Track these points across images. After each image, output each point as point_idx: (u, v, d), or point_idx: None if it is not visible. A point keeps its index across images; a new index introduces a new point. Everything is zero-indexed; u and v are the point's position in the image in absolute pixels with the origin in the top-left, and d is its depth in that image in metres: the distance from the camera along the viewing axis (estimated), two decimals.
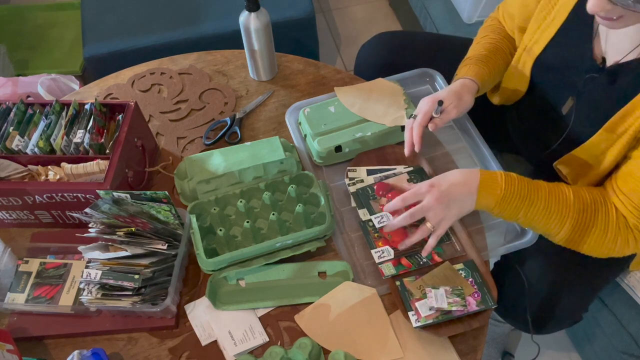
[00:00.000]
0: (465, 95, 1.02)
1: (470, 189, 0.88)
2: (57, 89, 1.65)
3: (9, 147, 0.99)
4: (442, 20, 1.84)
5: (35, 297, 0.95)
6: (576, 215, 0.87)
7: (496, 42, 1.10)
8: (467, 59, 1.09)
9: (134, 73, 1.31)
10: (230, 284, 0.97)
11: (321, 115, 1.12)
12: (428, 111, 1.00)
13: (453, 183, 0.89)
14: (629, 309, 1.20)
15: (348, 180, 1.07)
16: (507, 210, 0.88)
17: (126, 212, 0.90)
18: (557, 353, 1.50)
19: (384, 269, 0.95)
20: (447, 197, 0.88)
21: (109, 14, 1.85)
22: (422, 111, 1.00)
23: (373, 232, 1.00)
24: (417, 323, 0.88)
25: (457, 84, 1.04)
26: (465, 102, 1.02)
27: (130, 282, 0.87)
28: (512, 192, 0.87)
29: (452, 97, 1.01)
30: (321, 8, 2.44)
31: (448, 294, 0.89)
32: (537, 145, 1.10)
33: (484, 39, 1.12)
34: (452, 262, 0.95)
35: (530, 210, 0.88)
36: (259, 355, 0.90)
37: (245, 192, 1.03)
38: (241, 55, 1.32)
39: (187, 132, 1.20)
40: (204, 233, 0.98)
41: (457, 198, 0.88)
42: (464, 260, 0.95)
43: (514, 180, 0.88)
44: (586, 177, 0.97)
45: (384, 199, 1.03)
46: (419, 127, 1.00)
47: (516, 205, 0.88)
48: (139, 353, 0.92)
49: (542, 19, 0.99)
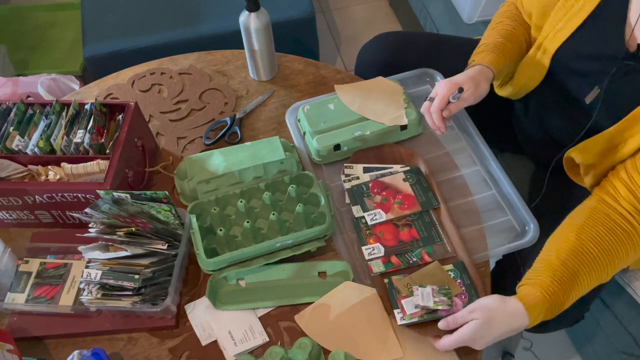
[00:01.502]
0: (482, 82, 1.01)
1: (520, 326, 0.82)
2: (57, 89, 1.64)
3: (9, 147, 0.99)
4: (442, 20, 1.84)
5: (35, 297, 0.95)
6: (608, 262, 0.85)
7: (512, 28, 1.08)
8: (483, 45, 1.07)
9: (134, 73, 1.31)
10: (230, 284, 0.97)
11: (320, 113, 1.12)
12: (446, 95, 0.99)
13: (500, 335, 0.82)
14: (629, 309, 1.20)
15: (344, 177, 1.07)
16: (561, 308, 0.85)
17: (126, 212, 0.90)
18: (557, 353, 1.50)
19: (373, 266, 0.96)
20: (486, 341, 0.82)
21: (109, 14, 1.85)
22: (441, 95, 0.99)
23: (365, 229, 1.00)
24: (401, 321, 0.88)
25: (475, 70, 1.02)
26: (481, 89, 1.01)
27: (131, 282, 0.87)
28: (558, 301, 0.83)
29: (470, 83, 1.00)
30: (321, 8, 2.44)
31: (435, 293, 0.89)
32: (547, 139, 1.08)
33: (499, 24, 1.10)
34: (441, 262, 0.95)
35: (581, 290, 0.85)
36: (259, 355, 0.90)
37: (246, 192, 1.03)
38: (241, 55, 1.32)
39: (187, 132, 1.20)
40: (204, 233, 0.98)
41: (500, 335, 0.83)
42: (454, 262, 0.95)
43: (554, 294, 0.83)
44: (600, 166, 0.95)
45: (378, 197, 1.03)
46: (438, 111, 0.99)
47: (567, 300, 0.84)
48: (139, 353, 0.92)
49: (570, 7, 0.96)
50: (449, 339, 0.83)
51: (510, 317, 0.81)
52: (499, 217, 1.03)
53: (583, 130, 0.98)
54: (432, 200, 1.03)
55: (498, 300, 0.82)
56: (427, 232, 0.99)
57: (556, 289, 0.82)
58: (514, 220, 1.02)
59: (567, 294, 0.83)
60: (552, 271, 0.83)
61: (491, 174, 1.07)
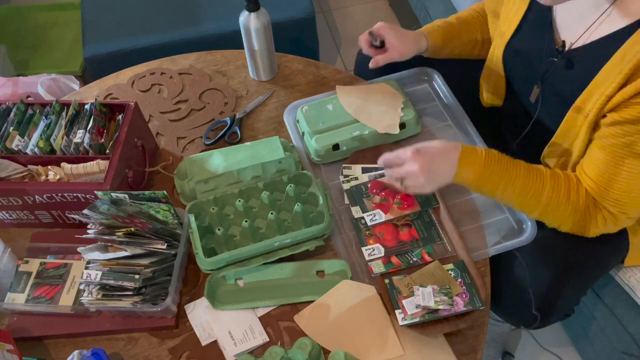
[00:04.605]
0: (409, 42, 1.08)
1: (451, 161, 0.89)
2: (57, 89, 1.64)
3: (9, 147, 1.00)
4: None
5: (35, 297, 0.96)
6: (550, 193, 0.89)
7: (467, 16, 1.15)
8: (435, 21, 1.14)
9: (134, 73, 1.31)
10: (229, 284, 0.97)
11: (319, 113, 1.12)
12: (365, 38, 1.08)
13: (436, 153, 0.89)
14: (629, 309, 1.19)
15: (342, 178, 1.07)
16: (485, 186, 0.90)
17: (125, 213, 0.90)
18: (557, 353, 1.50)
19: (373, 266, 0.96)
20: (428, 167, 0.88)
21: (109, 14, 1.86)
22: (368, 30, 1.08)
23: (365, 230, 1.00)
24: (403, 321, 0.88)
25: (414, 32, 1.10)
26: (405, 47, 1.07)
27: (131, 282, 0.87)
28: (491, 169, 0.88)
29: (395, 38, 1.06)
30: (321, 8, 2.44)
31: (435, 293, 0.89)
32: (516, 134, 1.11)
33: (458, 13, 1.17)
34: (442, 262, 0.95)
35: (508, 187, 0.89)
36: (259, 355, 0.90)
37: (244, 191, 1.03)
38: (241, 55, 1.32)
39: (187, 132, 1.20)
40: (203, 232, 0.98)
41: (438, 170, 0.89)
42: (454, 261, 0.95)
43: (495, 156, 0.89)
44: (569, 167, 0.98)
45: (377, 197, 1.03)
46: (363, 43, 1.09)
47: (495, 181, 0.89)
48: (139, 353, 0.92)
49: (510, 7, 1.01)
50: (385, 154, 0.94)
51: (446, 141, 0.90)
52: (496, 215, 1.03)
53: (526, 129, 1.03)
54: (431, 199, 1.03)
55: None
56: (426, 232, 1.00)
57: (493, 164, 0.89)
58: (511, 219, 1.03)
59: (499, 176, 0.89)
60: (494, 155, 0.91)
61: None
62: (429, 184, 0.90)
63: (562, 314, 1.11)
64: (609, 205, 0.88)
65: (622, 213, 0.88)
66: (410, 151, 0.90)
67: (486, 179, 0.89)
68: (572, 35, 0.90)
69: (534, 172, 0.90)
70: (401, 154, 0.91)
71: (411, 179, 0.90)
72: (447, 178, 0.90)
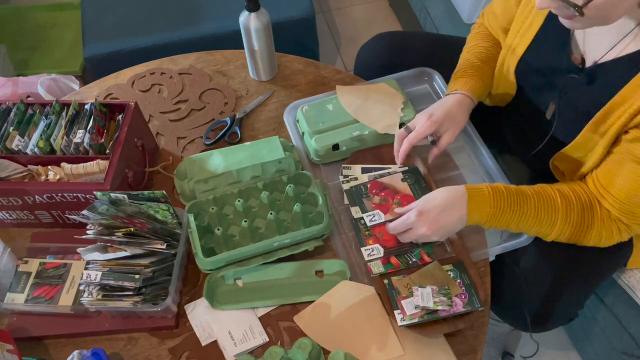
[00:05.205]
0: (460, 115, 1.02)
1: (460, 211, 0.89)
2: (57, 89, 1.64)
3: (9, 147, 1.00)
4: (442, 20, 1.84)
5: (35, 297, 0.96)
6: (564, 217, 0.89)
7: (486, 49, 1.11)
8: (461, 70, 1.08)
9: (134, 73, 1.31)
10: (228, 284, 0.97)
11: (319, 113, 1.12)
12: (423, 133, 0.99)
13: (442, 209, 0.89)
14: (629, 309, 1.19)
15: (342, 178, 1.07)
16: (498, 223, 0.90)
17: (124, 213, 0.90)
18: (557, 353, 1.50)
19: (372, 266, 0.96)
20: (437, 224, 0.89)
21: (109, 14, 1.85)
22: (417, 131, 0.99)
23: (364, 230, 1.00)
24: (402, 322, 0.88)
25: (454, 101, 1.02)
26: (459, 123, 1.02)
27: (131, 282, 0.87)
28: (502, 208, 0.89)
29: (448, 124, 1.00)
30: (321, 8, 2.44)
31: (434, 293, 0.89)
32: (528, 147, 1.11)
33: (474, 47, 1.12)
34: (441, 262, 0.95)
35: (521, 220, 0.90)
36: (259, 355, 0.90)
37: (244, 191, 1.03)
38: (241, 55, 1.32)
39: (187, 132, 1.20)
40: (202, 232, 0.98)
41: (448, 223, 0.89)
42: (453, 262, 0.95)
43: (502, 193, 0.89)
44: (580, 172, 0.97)
45: (377, 198, 1.03)
46: (409, 144, 1.00)
47: (507, 218, 0.89)
48: (139, 353, 0.92)
49: (522, 22, 1.00)
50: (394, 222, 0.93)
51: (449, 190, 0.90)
52: None
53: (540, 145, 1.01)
54: None
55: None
56: None
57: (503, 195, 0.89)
58: None
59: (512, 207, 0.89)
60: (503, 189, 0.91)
61: (489, 173, 1.08)
62: (444, 236, 0.92)
63: (564, 319, 1.10)
64: (625, 218, 0.88)
65: (638, 225, 0.89)
66: (414, 215, 0.90)
67: (498, 219, 0.89)
68: (593, 52, 0.89)
69: (543, 199, 0.90)
70: (406, 220, 0.91)
71: (424, 239, 0.92)
72: (460, 226, 0.90)
